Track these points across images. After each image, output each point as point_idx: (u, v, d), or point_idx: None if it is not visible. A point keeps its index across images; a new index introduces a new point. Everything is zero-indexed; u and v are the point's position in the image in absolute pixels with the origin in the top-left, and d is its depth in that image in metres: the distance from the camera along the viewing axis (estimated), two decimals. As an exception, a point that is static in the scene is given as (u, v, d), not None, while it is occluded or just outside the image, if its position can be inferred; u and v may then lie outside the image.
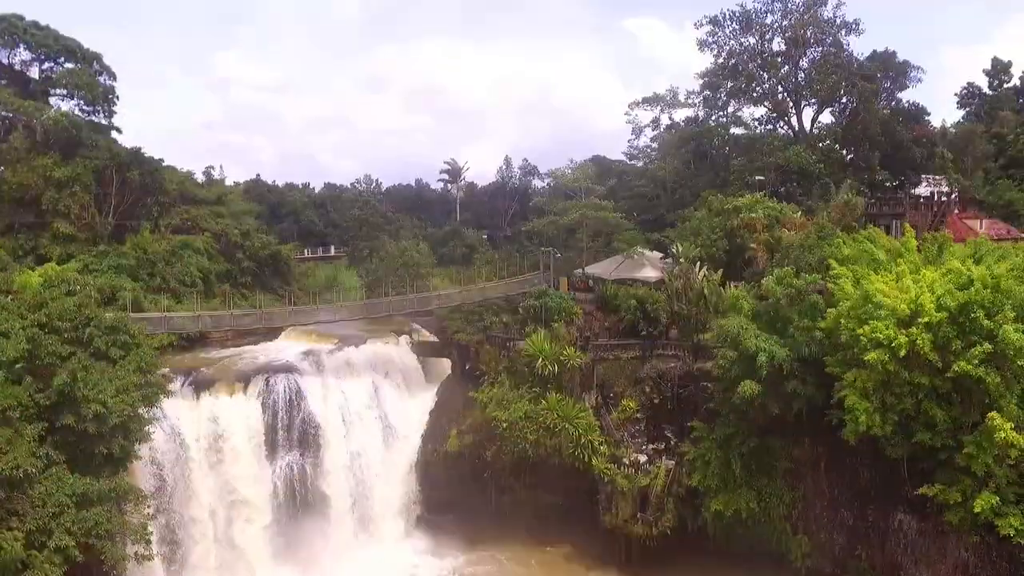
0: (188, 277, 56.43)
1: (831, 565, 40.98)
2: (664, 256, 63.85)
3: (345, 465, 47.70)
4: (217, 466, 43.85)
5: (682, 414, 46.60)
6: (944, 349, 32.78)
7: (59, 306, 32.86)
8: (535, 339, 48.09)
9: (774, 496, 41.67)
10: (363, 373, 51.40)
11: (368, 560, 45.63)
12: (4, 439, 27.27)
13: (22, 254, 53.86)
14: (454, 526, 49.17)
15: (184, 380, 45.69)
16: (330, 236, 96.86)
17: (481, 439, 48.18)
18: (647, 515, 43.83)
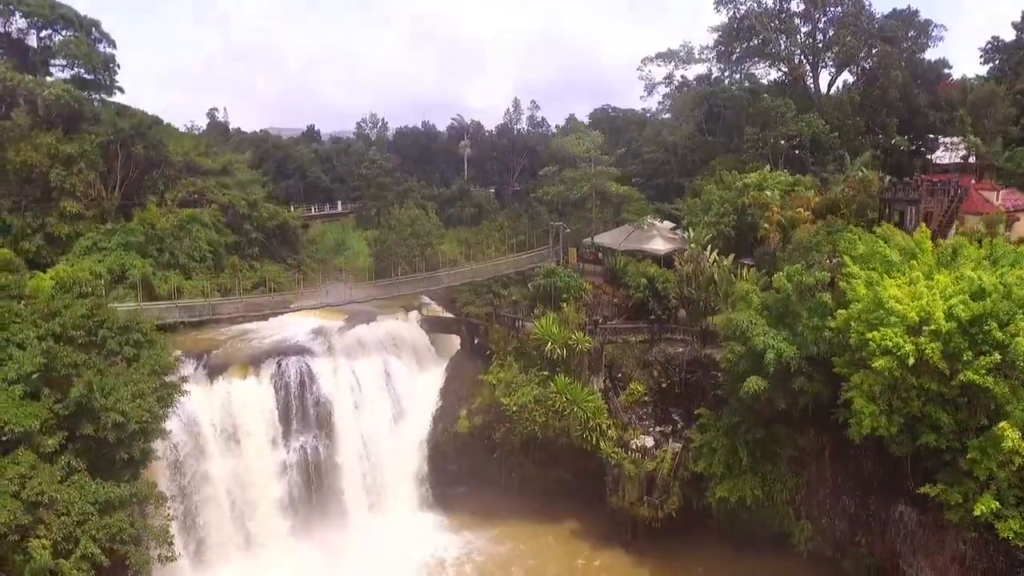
0: (197, 252, 56.43)
1: (832, 549, 42.10)
2: (675, 227, 63.48)
3: (357, 445, 48.76)
4: (233, 449, 44.85)
5: (689, 399, 47.13)
6: (953, 357, 32.76)
7: (72, 315, 33.06)
8: (544, 322, 48.27)
9: (778, 482, 42.49)
10: (373, 352, 51.89)
11: (382, 536, 46.98)
12: (27, 464, 27.93)
13: (30, 232, 53.83)
14: (465, 502, 50.58)
15: (197, 364, 46.34)
16: (336, 192, 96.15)
17: (490, 420, 49.01)
18: (653, 498, 44.89)
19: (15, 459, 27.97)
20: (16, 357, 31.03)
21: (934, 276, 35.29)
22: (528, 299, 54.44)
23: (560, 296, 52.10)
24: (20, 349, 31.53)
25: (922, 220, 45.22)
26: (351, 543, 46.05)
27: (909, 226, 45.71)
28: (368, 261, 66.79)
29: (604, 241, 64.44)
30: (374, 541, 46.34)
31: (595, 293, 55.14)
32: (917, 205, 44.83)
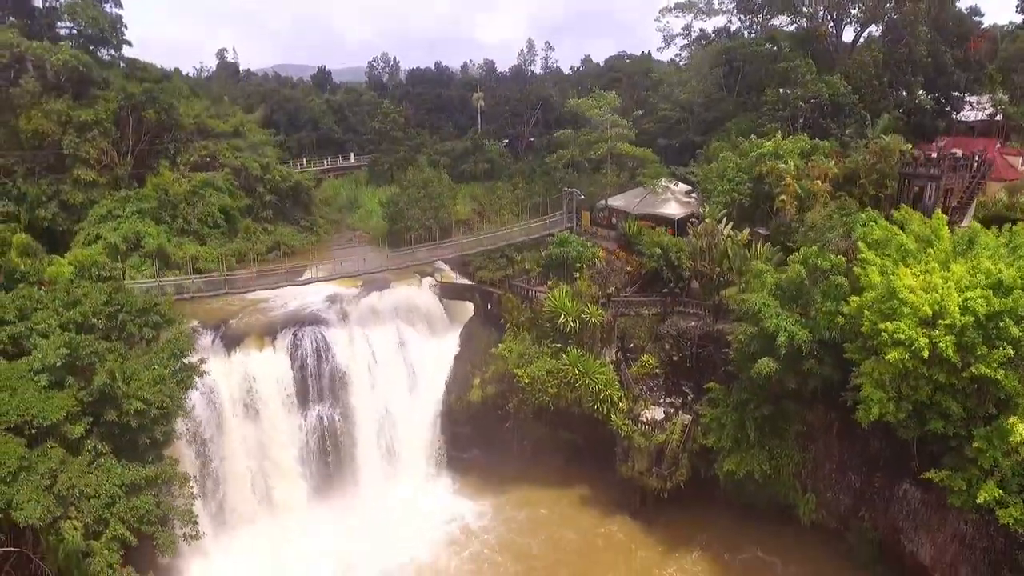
0: (210, 218, 56.66)
1: (835, 522, 43.08)
2: (690, 190, 62.82)
3: (373, 413, 49.81)
4: (251, 420, 46.02)
5: (700, 372, 47.58)
6: (966, 350, 32.78)
7: (93, 303, 33.61)
8: (557, 295, 48.48)
9: (785, 456, 43.19)
10: (388, 320, 52.44)
11: (398, 501, 48.58)
12: (57, 459, 28.91)
13: (45, 200, 54.21)
14: (478, 468, 51.93)
15: (214, 335, 47.16)
16: (349, 143, 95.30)
17: (503, 390, 49.78)
18: (662, 469, 45.83)
19: (44, 452, 28.99)
20: (40, 346, 31.75)
21: (950, 265, 34.97)
22: (541, 267, 54.51)
23: (573, 266, 52.18)
24: (43, 338, 32.23)
25: (942, 197, 44.52)
26: (367, 508, 47.66)
27: (928, 202, 45.05)
28: (381, 224, 66.73)
29: (618, 204, 64.00)
30: (389, 506, 47.96)
31: (608, 260, 55.11)
32: (938, 182, 43.97)
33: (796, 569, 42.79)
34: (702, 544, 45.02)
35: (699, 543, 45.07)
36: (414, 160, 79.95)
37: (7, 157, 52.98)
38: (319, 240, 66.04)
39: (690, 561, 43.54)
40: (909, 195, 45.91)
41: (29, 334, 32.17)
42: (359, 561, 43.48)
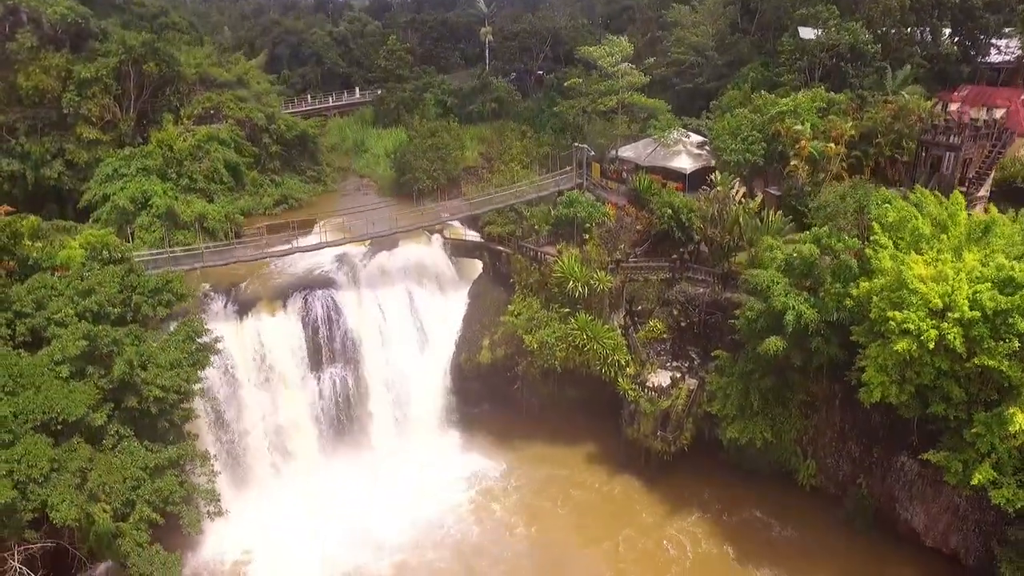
0: (216, 174, 56.17)
1: (833, 487, 44.48)
2: (703, 142, 61.63)
3: (384, 373, 50.82)
4: (265, 383, 47.10)
5: (707, 338, 48.07)
6: (972, 341, 33.00)
7: (108, 292, 33.95)
8: (566, 261, 48.48)
9: (787, 424, 44.16)
10: (397, 280, 52.74)
11: (411, 459, 50.19)
12: (86, 457, 29.90)
13: (50, 158, 53.81)
14: (487, 424, 53.36)
15: (226, 299, 47.67)
16: (354, 77, 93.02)
17: (512, 352, 50.59)
18: (666, 433, 47.03)
19: (72, 448, 30.00)
20: (59, 336, 32.33)
21: (963, 253, 34.73)
22: (550, 224, 54.16)
23: (582, 227, 51.89)
24: (61, 327, 32.75)
25: (960, 167, 43.67)
26: (381, 465, 49.37)
27: (945, 171, 44.24)
28: (389, 172, 66.04)
29: (628, 155, 62.94)
30: (402, 464, 49.63)
31: (617, 216, 54.75)
32: (957, 152, 42.98)
33: (793, 531, 44.45)
34: (702, 504, 46.65)
35: (700, 503, 46.70)
36: (421, 99, 78.20)
37: (8, 114, 52.24)
38: (326, 190, 65.54)
39: (691, 522, 45.23)
40: (927, 163, 45.02)
41: (47, 324, 32.68)
42: (373, 518, 45.37)
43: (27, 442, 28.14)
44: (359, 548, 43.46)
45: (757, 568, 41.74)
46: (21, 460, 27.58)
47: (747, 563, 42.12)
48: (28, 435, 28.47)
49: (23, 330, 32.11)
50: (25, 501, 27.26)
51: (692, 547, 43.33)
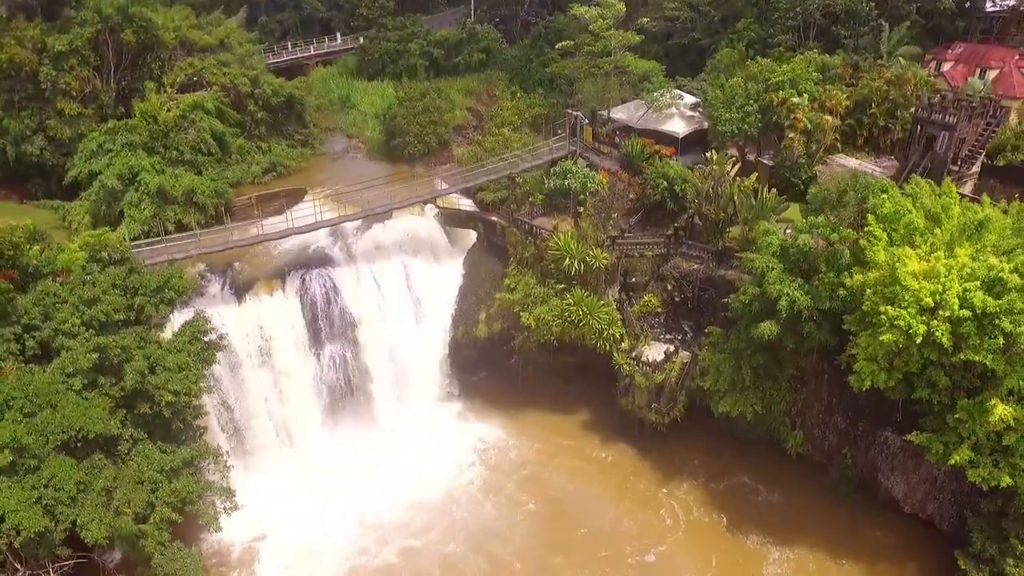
0: (203, 144, 54.92)
1: (819, 456, 46.67)
2: (696, 103, 61.08)
3: (383, 348, 51.49)
4: (267, 363, 47.70)
5: (701, 313, 49.13)
6: (959, 337, 34.26)
7: (113, 301, 33.97)
8: (562, 238, 48.79)
9: (777, 396, 45.84)
10: (393, 254, 52.78)
11: (411, 429, 51.66)
12: (111, 476, 30.62)
13: (30, 133, 52.46)
14: (485, 391, 54.86)
15: (223, 281, 47.68)
16: (335, 22, 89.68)
17: (508, 327, 51.47)
18: (660, 405, 48.66)
19: (93, 465, 30.72)
20: (68, 347, 32.56)
21: (955, 248, 35.58)
22: (544, 194, 54.08)
23: (576, 198, 51.97)
24: (70, 338, 32.92)
25: (954, 146, 44.06)
26: (382, 437, 50.91)
27: (939, 150, 44.60)
28: (378, 134, 64.96)
29: (620, 116, 62.23)
30: (403, 435, 51.19)
31: (610, 182, 54.73)
32: (952, 132, 43.22)
33: (779, 496, 46.86)
34: (693, 470, 48.83)
35: (691, 469, 48.86)
36: (406, 50, 76.02)
37: (-18, 88, 50.48)
38: (314, 153, 64.49)
39: (683, 490, 47.45)
40: (920, 141, 45.29)
41: (55, 335, 32.81)
42: (377, 491, 47.08)
43: (52, 465, 28.84)
44: (364, 523, 45.27)
45: (745, 535, 44.20)
46: (48, 484, 28.35)
47: (736, 531, 44.55)
48: (51, 457, 29.13)
49: (32, 344, 32.24)
50: (55, 523, 28.16)
51: (685, 515, 45.66)
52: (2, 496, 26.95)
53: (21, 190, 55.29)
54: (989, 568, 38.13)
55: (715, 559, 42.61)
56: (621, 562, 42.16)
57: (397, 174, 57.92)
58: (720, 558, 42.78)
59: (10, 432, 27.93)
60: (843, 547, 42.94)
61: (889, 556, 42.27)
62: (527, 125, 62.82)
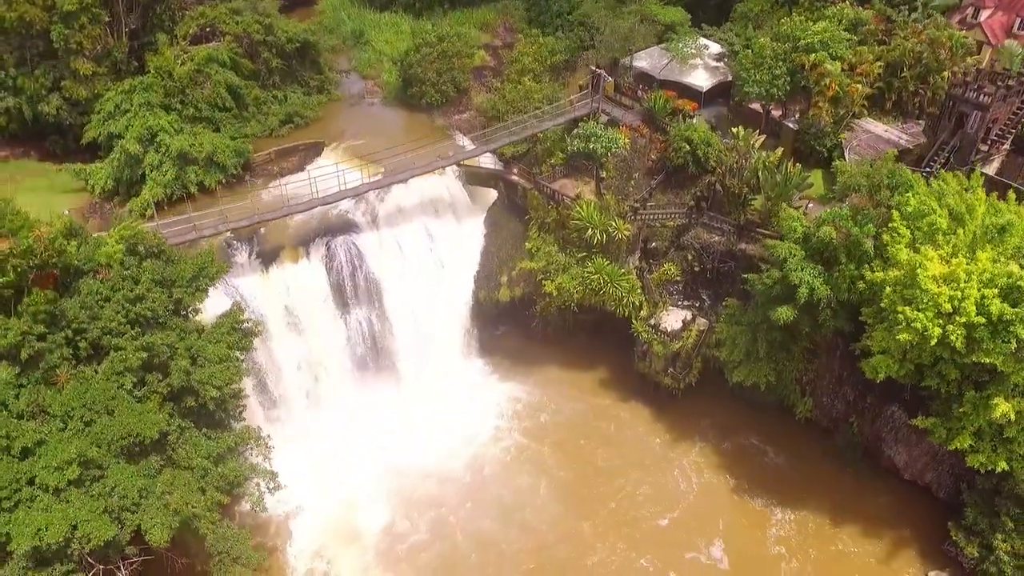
0: (219, 99, 54.22)
1: (827, 422, 48.88)
2: (722, 54, 59.57)
3: (407, 309, 52.76)
4: (295, 328, 49.20)
5: (719, 283, 50.03)
6: (972, 340, 35.42)
7: (157, 299, 34.99)
8: (585, 209, 49.04)
9: (790, 366, 47.57)
10: (415, 216, 53.17)
11: (437, 388, 53.72)
12: (168, 482, 32.62)
13: (45, 92, 51.76)
14: (506, 351, 56.64)
15: (249, 249, 48.47)
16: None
17: (529, 292, 52.53)
18: (676, 371, 50.46)
19: (150, 467, 32.71)
20: (116, 346, 33.93)
21: (977, 250, 36.09)
22: (566, 154, 53.73)
23: (599, 160, 51.74)
24: (117, 336, 34.22)
25: (986, 127, 43.52)
26: (409, 397, 53.04)
27: (969, 129, 44.06)
28: (395, 79, 63.53)
29: (643, 65, 60.77)
30: (429, 393, 53.21)
31: (632, 139, 54.29)
32: (985, 112, 42.51)
33: (785, 458, 49.44)
34: (705, 431, 51.22)
35: (701, 430, 51.22)
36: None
37: (-7, 46, 49.38)
38: (330, 98, 63.31)
39: (696, 452, 49.99)
40: (951, 117, 44.63)
41: (102, 335, 34.04)
42: (402, 450, 49.71)
43: (115, 473, 30.83)
44: (394, 481, 48.12)
45: (752, 498, 47.05)
46: (113, 493, 30.44)
47: (743, 493, 47.36)
48: (113, 464, 31.11)
49: (84, 346, 33.55)
50: (121, 528, 30.44)
51: (697, 478, 48.39)
52: (73, 508, 29.07)
53: (40, 148, 55.02)
54: (979, 540, 41.00)
55: (722, 522, 45.58)
56: (639, 526, 45.04)
57: (418, 133, 57.16)
58: (727, 520, 45.77)
59: (76, 447, 29.76)
60: (843, 510, 45.82)
61: (886, 521, 45.16)
62: (547, 73, 61.38)
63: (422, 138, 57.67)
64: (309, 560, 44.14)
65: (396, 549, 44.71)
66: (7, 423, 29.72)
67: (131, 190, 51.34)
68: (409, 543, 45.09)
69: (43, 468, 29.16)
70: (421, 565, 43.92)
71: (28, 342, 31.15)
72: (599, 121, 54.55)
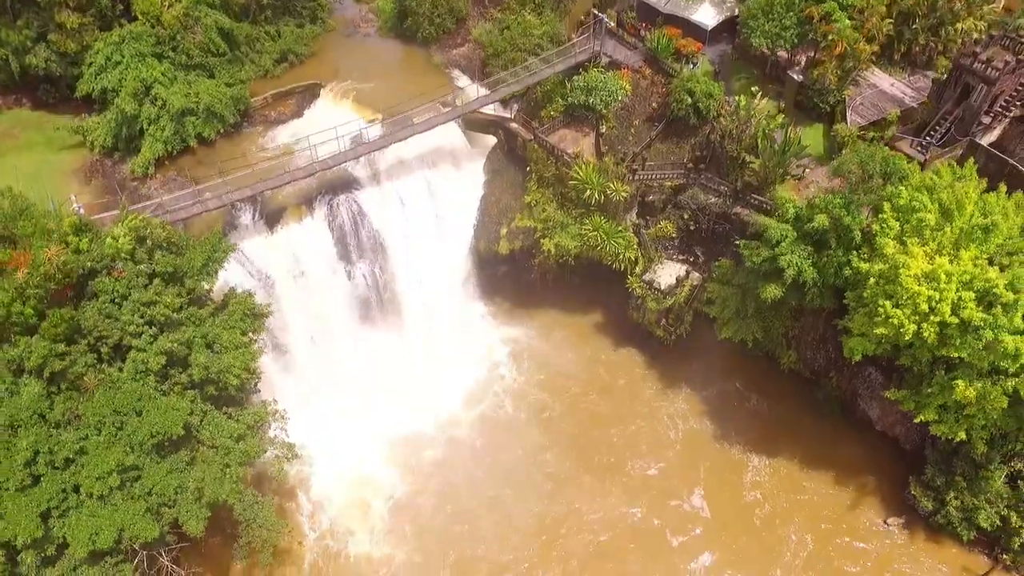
0: (212, 45, 52.92)
1: (809, 374, 51.69)
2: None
3: (409, 261, 54.24)
4: (303, 286, 50.94)
5: (713, 243, 51.12)
6: (944, 336, 37.42)
7: (170, 302, 36.61)
8: (584, 171, 49.25)
9: (777, 324, 49.76)
10: (415, 168, 53.42)
11: (437, 330, 56.38)
12: (199, 478, 35.62)
13: (31, 44, 50.63)
14: (504, 296, 58.70)
15: (253, 211, 49.35)
16: None
17: (528, 246, 53.70)
18: (668, 323, 52.72)
19: (181, 461, 35.74)
20: (136, 346, 36.15)
21: (961, 249, 37.19)
22: (566, 102, 52.97)
23: (599, 110, 51.19)
24: (135, 337, 36.33)
25: (990, 100, 43.04)
26: (413, 342, 55.75)
27: (974, 101, 43.50)
28: (390, 7, 61.07)
29: (647, -5, 58.22)
30: (433, 339, 55.99)
31: (634, 81, 53.46)
32: (991, 85, 41.80)
33: (769, 404, 52.83)
34: (691, 377, 54.31)
35: (688, 376, 54.33)
36: None
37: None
38: (324, 29, 61.34)
39: (681, 399, 53.36)
40: (956, 87, 43.90)
41: (122, 335, 36.08)
42: (408, 397, 53.07)
43: (151, 474, 33.94)
44: (398, 430, 51.77)
45: (732, 445, 50.86)
46: (151, 493, 33.71)
47: (724, 440, 51.16)
48: (148, 464, 34.19)
49: (106, 350, 35.66)
50: (159, 521, 33.99)
51: (683, 425, 52.09)
52: (119, 512, 32.42)
53: (32, 96, 54.29)
54: (934, 495, 45.08)
55: (703, 469, 49.62)
56: (631, 475, 49.10)
57: (415, 73, 56.16)
58: (708, 467, 49.79)
59: (115, 458, 32.67)
60: (815, 458, 49.73)
61: (855, 468, 49.13)
62: (548, 7, 59.06)
63: (420, 79, 57.06)
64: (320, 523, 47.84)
65: (403, 506, 48.58)
66: (49, 439, 32.49)
67: (130, 145, 51.48)
68: (415, 500, 48.80)
69: (86, 478, 32.23)
70: (427, 520, 47.79)
71: (50, 363, 33.23)
72: (600, 65, 53.44)
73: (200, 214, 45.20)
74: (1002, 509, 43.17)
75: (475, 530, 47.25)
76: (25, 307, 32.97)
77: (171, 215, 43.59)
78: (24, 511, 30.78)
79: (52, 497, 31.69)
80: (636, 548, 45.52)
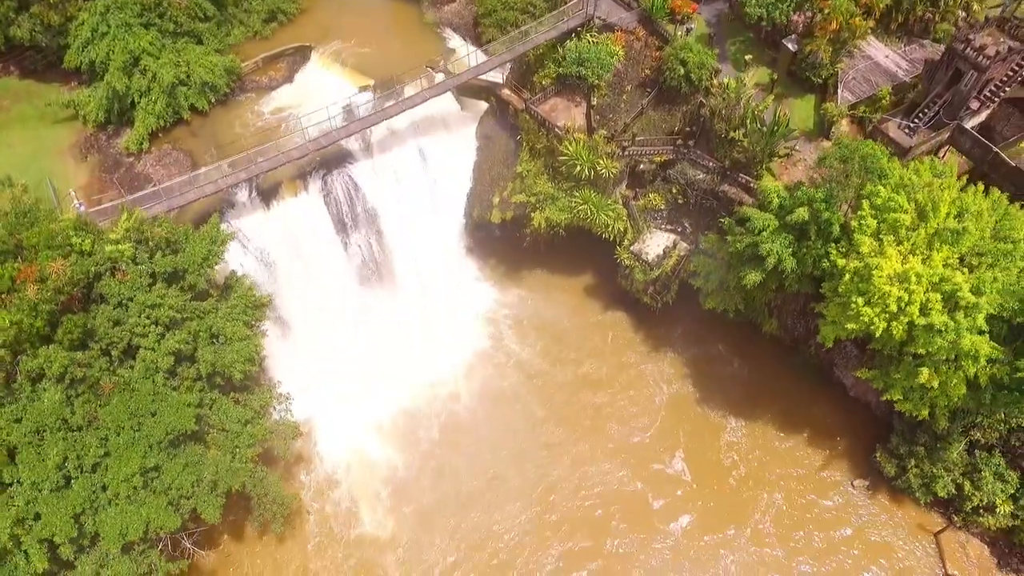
0: (199, 9, 52.24)
1: (789, 340, 53.90)
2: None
3: (403, 230, 55.53)
4: (301, 258, 52.48)
5: (701, 216, 52.06)
6: (911, 334, 39.35)
7: (172, 303, 38.35)
8: (574, 147, 49.62)
9: (759, 295, 51.49)
10: (408, 138, 53.71)
11: (432, 295, 58.30)
12: (213, 469, 38.35)
13: (13, 15, 50.16)
14: (497, 258, 60.27)
15: (249, 187, 50.18)
16: None
17: (520, 216, 54.64)
18: (655, 291, 54.49)
19: (193, 455, 38.45)
20: (144, 346, 38.28)
21: (933, 250, 38.49)
22: (559, 68, 52.59)
23: (590, 80, 50.95)
24: (142, 337, 38.39)
25: (980, 86, 43.03)
26: (409, 304, 57.76)
27: (963, 87, 43.39)
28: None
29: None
30: (428, 302, 57.98)
31: (627, 44, 52.98)
32: (982, 73, 41.62)
33: (749, 368, 55.35)
34: (675, 341, 56.62)
35: (673, 340, 56.61)
36: None
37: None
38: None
39: (666, 362, 55.81)
40: (948, 71, 43.67)
41: (131, 336, 38.11)
42: (411, 359, 55.71)
43: (170, 470, 36.81)
44: (402, 389, 54.65)
45: (711, 408, 53.66)
46: (171, 488, 36.67)
47: (704, 404, 53.88)
48: (166, 461, 36.98)
49: (117, 353, 37.73)
50: (180, 511, 37.15)
51: (668, 389, 54.71)
52: (147, 508, 35.52)
53: (20, 64, 53.94)
54: (897, 462, 48.29)
55: (683, 432, 52.63)
56: (617, 439, 52.16)
57: (407, 34, 55.34)
58: (687, 430, 52.77)
59: (138, 461, 35.39)
60: (790, 421, 52.68)
61: (827, 431, 52.12)
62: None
63: (410, 39, 56.48)
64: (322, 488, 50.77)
65: (400, 471, 51.65)
66: (75, 445, 35.13)
67: (123, 118, 51.70)
68: (412, 467, 51.77)
69: (112, 479, 35.13)
70: (426, 488, 50.87)
71: (71, 371, 35.41)
72: (593, 29, 52.73)
73: (197, 200, 46.12)
74: (957, 477, 46.40)
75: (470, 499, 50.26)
76: (37, 321, 34.79)
77: (168, 202, 44.66)
78: (59, 513, 33.87)
79: (84, 500, 34.67)
80: (619, 510, 49.09)
